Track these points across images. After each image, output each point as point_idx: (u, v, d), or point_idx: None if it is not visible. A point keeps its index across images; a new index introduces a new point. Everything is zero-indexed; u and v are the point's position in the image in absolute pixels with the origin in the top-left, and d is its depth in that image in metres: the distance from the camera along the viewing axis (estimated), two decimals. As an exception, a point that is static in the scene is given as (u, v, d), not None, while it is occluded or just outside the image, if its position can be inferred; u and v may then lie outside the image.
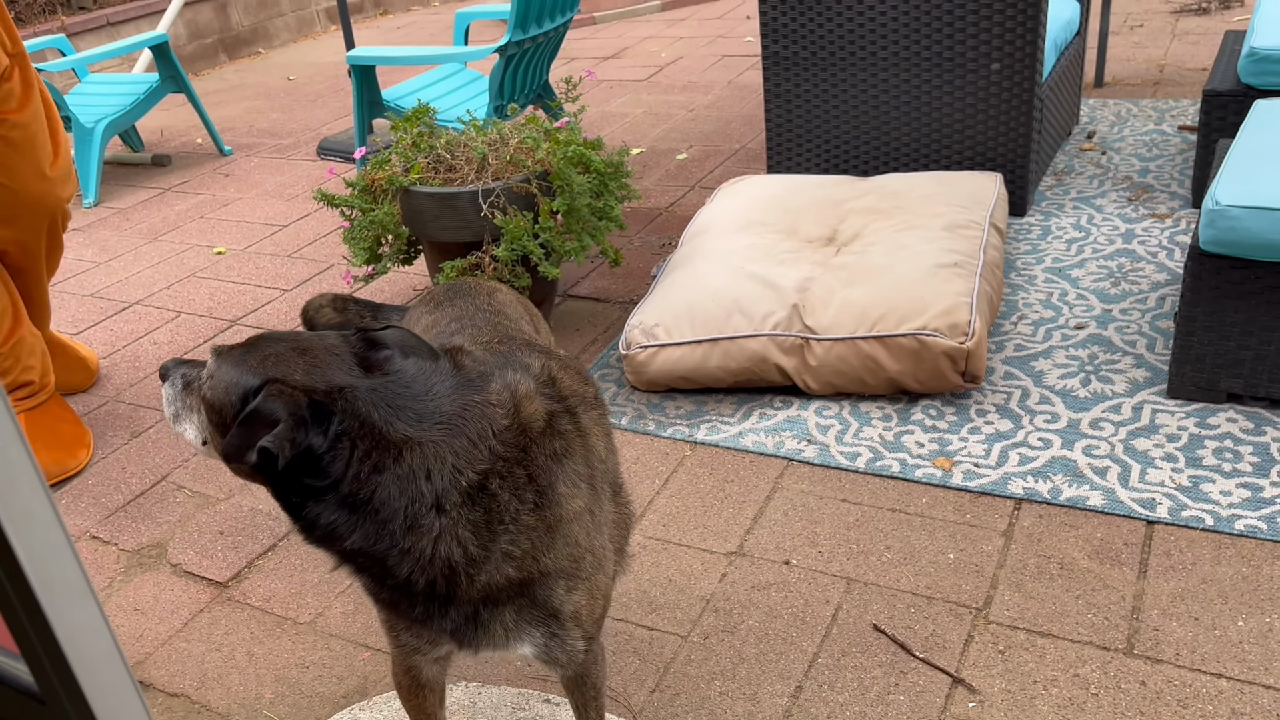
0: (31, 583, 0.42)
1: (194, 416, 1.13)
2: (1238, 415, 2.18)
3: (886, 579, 1.89)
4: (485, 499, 1.06)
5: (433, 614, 1.11)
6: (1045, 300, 2.71)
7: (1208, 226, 2.06)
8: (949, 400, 2.35)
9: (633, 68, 5.53)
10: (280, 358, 1.04)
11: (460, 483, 1.05)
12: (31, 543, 0.42)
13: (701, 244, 2.74)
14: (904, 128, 3.23)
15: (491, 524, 1.07)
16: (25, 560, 0.42)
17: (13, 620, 0.45)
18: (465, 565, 1.07)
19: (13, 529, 0.41)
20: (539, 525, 1.11)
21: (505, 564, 1.10)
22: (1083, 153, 3.61)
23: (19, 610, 0.44)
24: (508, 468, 1.07)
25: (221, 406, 1.04)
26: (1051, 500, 2.01)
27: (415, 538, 1.04)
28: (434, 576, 1.07)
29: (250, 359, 1.05)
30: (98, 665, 0.45)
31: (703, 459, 2.28)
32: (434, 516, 1.04)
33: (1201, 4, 5.10)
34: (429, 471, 1.03)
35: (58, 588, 0.43)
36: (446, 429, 1.04)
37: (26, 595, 0.43)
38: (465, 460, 1.05)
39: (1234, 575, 1.80)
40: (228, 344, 1.13)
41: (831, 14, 3.16)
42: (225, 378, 1.05)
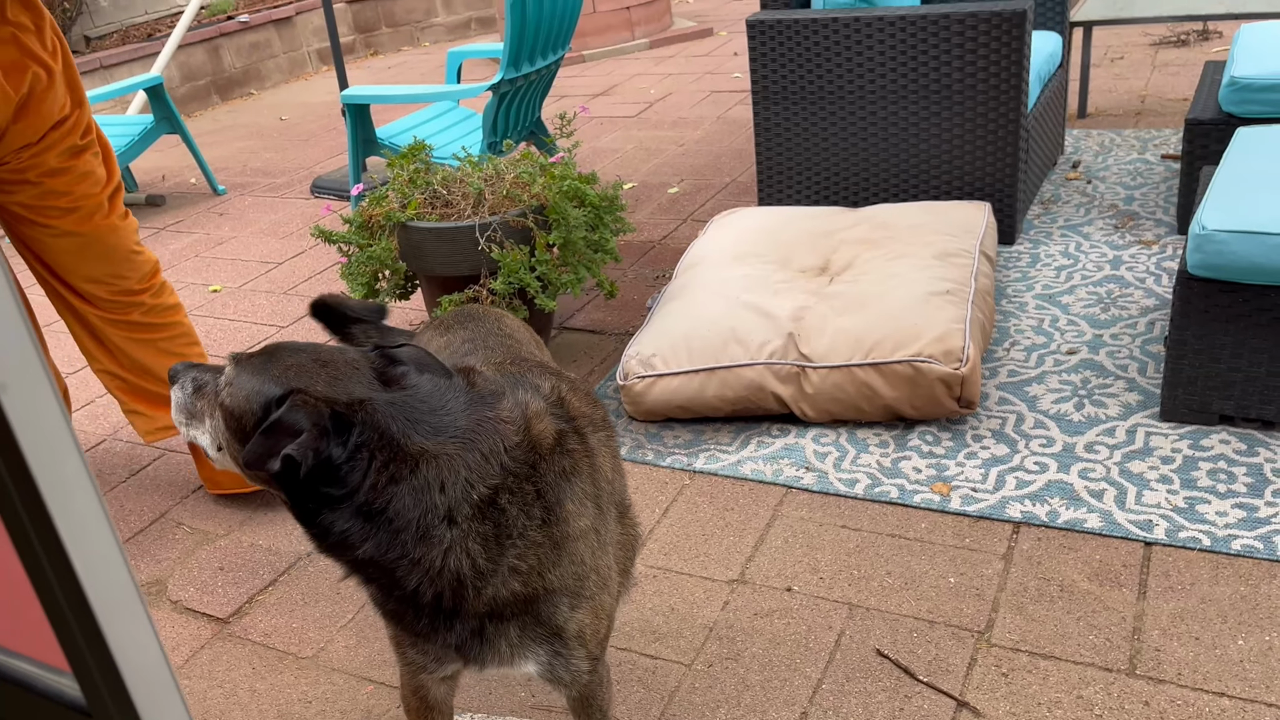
0: (86, 593, 0.44)
1: (207, 421, 1.14)
2: (1230, 437, 2.20)
3: (888, 604, 1.90)
4: (495, 513, 1.09)
5: (438, 627, 1.13)
6: (1037, 326, 2.74)
7: (1195, 251, 2.10)
8: (945, 426, 2.37)
9: (623, 104, 5.59)
10: (302, 369, 1.06)
11: (471, 496, 1.07)
12: (87, 554, 0.43)
13: (696, 275, 2.77)
14: (893, 159, 3.28)
15: (500, 538, 1.09)
16: (81, 571, 0.43)
17: (64, 632, 0.46)
18: (473, 578, 1.08)
19: (71, 540, 0.43)
20: (545, 541, 1.13)
21: (511, 579, 1.12)
22: (1069, 182, 3.67)
23: (71, 621, 0.45)
24: (517, 484, 1.10)
25: (241, 413, 1.06)
26: (1050, 523, 2.03)
27: (426, 548, 1.06)
28: (441, 589, 1.08)
29: (272, 368, 1.07)
30: (147, 675, 0.46)
31: (702, 487, 2.29)
32: (445, 528, 1.06)
33: (1180, 36, 5.20)
34: (443, 484, 1.06)
35: (111, 597, 0.44)
36: (461, 443, 1.06)
37: (81, 606, 0.44)
38: (477, 474, 1.07)
39: (1232, 595, 1.82)
40: (245, 351, 1.13)
41: (819, 49, 3.22)
42: (246, 385, 1.06)
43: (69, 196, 2.14)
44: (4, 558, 0.50)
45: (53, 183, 2.11)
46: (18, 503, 0.43)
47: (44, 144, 2.07)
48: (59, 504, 0.42)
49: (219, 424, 1.10)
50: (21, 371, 0.40)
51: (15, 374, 0.40)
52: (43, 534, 0.43)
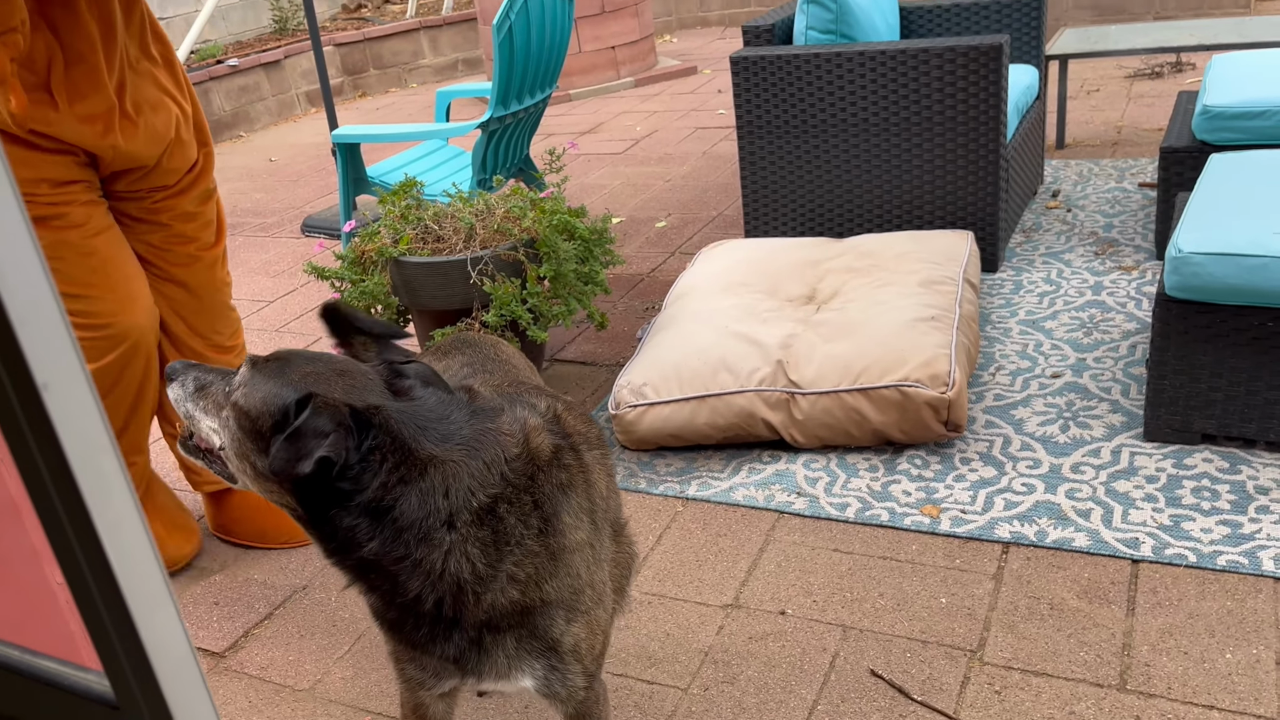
0: (121, 586, 0.46)
1: (212, 420, 1.16)
2: (1213, 455, 2.24)
3: (881, 625, 1.92)
4: (493, 521, 1.13)
5: (437, 636, 1.15)
6: (1021, 351, 2.79)
7: (1172, 273, 2.15)
8: (933, 450, 2.40)
9: (609, 141, 5.67)
10: (319, 376, 1.11)
11: (472, 503, 1.11)
12: (122, 548, 0.46)
13: (685, 306, 2.81)
14: (876, 190, 3.34)
15: (499, 544, 1.13)
16: (116, 565, 0.46)
17: (96, 626, 0.49)
18: (473, 582, 1.12)
19: (107, 535, 0.45)
20: (542, 551, 1.17)
21: (510, 586, 1.15)
22: (1049, 211, 3.73)
23: (104, 615, 0.48)
24: (516, 494, 1.14)
25: (258, 414, 1.09)
26: (1038, 543, 2.06)
27: (427, 549, 1.10)
28: (442, 594, 1.11)
29: (290, 373, 1.11)
30: (177, 670, 0.49)
31: (695, 514, 2.31)
32: (445, 532, 1.10)
33: (1154, 68, 5.31)
34: (447, 490, 1.10)
35: (144, 591, 0.47)
36: (465, 451, 1.11)
37: (115, 598, 0.47)
38: (478, 482, 1.11)
39: (1219, 609, 1.84)
40: (260, 355, 1.16)
41: (802, 84, 3.29)
42: (264, 388, 1.09)
43: (195, 244, 2.12)
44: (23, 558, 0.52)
45: (182, 227, 2.08)
46: (55, 498, 0.45)
47: (179, 186, 2.04)
48: (96, 499, 0.45)
49: (230, 422, 1.12)
50: (63, 372, 0.43)
51: (57, 374, 0.43)
52: (80, 529, 0.46)
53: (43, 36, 1.75)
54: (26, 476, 0.45)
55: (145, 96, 1.93)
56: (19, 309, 0.41)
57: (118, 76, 1.86)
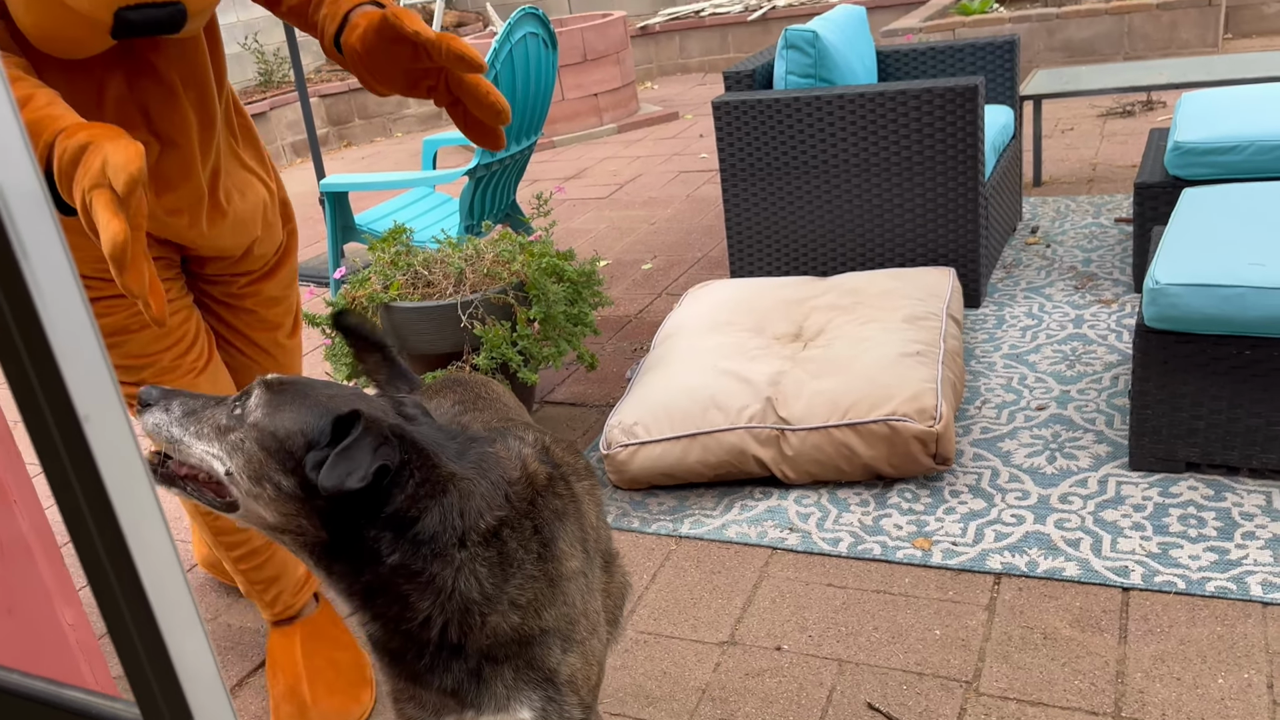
0: (156, 614, 0.48)
1: (211, 445, 1.13)
2: (1198, 483, 2.27)
3: (877, 658, 1.92)
4: (498, 543, 1.16)
5: (437, 667, 1.17)
6: (1006, 385, 2.83)
7: (1150, 304, 2.20)
8: (923, 483, 2.43)
9: (594, 186, 5.74)
10: (347, 399, 1.13)
11: (480, 524, 1.14)
12: (158, 576, 0.48)
13: (673, 345, 2.84)
14: (859, 229, 3.39)
15: (504, 565, 1.16)
16: (151, 593, 0.48)
17: (129, 654, 0.50)
18: (480, 604, 1.14)
19: (143, 564, 0.47)
20: (541, 577, 1.19)
21: (511, 611, 1.17)
22: (1028, 247, 3.80)
23: (138, 643, 0.49)
24: (518, 518, 1.17)
25: (288, 435, 1.09)
26: (1029, 573, 2.08)
27: (441, 565, 1.12)
28: (450, 615, 1.13)
29: (315, 395, 1.12)
30: (207, 697, 0.50)
31: (688, 552, 2.32)
32: (457, 550, 1.13)
33: (1126, 107, 5.43)
34: (463, 508, 1.13)
35: (177, 620, 0.49)
36: (476, 470, 1.13)
37: (149, 626, 0.48)
38: (487, 503, 1.15)
39: (1210, 635, 1.86)
40: (275, 378, 1.16)
41: (783, 127, 3.35)
42: (292, 409, 1.10)
43: (279, 330, 2.00)
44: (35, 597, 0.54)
45: (266, 313, 1.95)
46: (93, 528, 0.47)
47: (265, 270, 1.92)
48: (133, 529, 0.47)
49: (246, 444, 1.11)
50: (103, 404, 0.45)
51: (97, 406, 0.45)
52: (116, 558, 0.48)
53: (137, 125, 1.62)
54: (64, 506, 0.47)
55: (235, 181, 1.78)
56: (62, 343, 0.44)
57: (212, 163, 1.72)
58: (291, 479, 1.09)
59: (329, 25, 1.56)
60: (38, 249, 0.43)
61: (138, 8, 1.42)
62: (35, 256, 0.43)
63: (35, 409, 0.46)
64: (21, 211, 0.43)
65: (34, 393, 0.46)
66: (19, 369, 0.45)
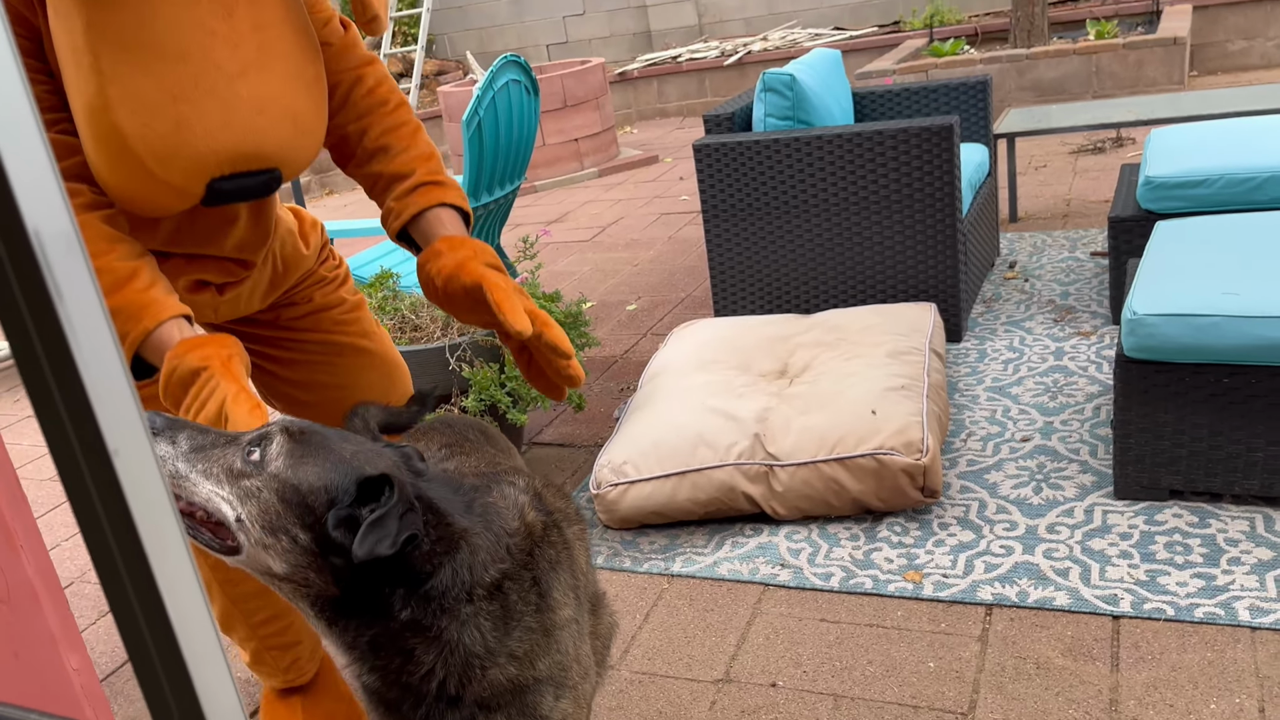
0: (182, 648, 0.49)
1: (220, 487, 1.10)
2: (1182, 510, 2.30)
3: (872, 692, 1.93)
4: (501, 596, 1.16)
5: (432, 717, 1.16)
6: (990, 417, 2.86)
7: (1129, 335, 2.24)
8: (912, 516, 2.44)
9: (576, 229, 5.78)
10: (368, 456, 1.13)
11: (485, 578, 1.15)
12: (183, 610, 0.49)
13: (660, 384, 2.86)
14: (840, 267, 3.44)
15: (506, 619, 1.16)
16: (178, 625, 0.49)
17: (152, 686, 0.51)
18: (483, 658, 1.14)
19: (170, 597, 0.48)
20: (538, 628, 1.20)
21: (509, 663, 1.17)
22: (1007, 281, 3.85)
23: (161, 675, 0.50)
24: (517, 570, 1.17)
25: (311, 490, 1.08)
26: (1020, 603, 2.09)
27: (448, 620, 1.12)
28: (450, 669, 1.13)
29: (339, 450, 1.12)
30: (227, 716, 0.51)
31: (681, 591, 2.32)
32: (464, 604, 1.13)
33: (1096, 144, 5.55)
34: (472, 563, 1.13)
35: (201, 651, 0.50)
36: (483, 524, 1.13)
37: (174, 659, 0.49)
38: (492, 557, 1.15)
39: (1200, 661, 1.88)
40: (294, 424, 1.14)
41: (763, 168, 3.41)
42: (316, 463, 1.09)
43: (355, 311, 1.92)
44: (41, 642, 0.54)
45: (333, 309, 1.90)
46: (119, 559, 0.48)
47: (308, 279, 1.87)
48: (160, 563, 0.48)
49: (263, 493, 1.09)
50: (131, 439, 0.46)
51: (126, 441, 0.46)
52: (142, 592, 0.49)
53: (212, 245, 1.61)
54: (91, 538, 0.48)
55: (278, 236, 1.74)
56: (94, 379, 0.45)
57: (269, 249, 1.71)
58: (308, 534, 1.08)
59: (392, 220, 1.53)
60: (71, 290, 0.45)
61: (232, 177, 1.38)
62: (69, 297, 0.45)
63: (65, 443, 0.47)
64: (56, 254, 0.44)
65: (64, 427, 0.47)
66: (50, 405, 0.47)
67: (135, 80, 1.30)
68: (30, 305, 0.45)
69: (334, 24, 1.62)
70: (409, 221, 1.53)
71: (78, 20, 1.28)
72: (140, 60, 1.30)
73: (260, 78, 1.38)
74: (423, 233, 1.54)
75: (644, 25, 9.70)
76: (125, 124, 1.31)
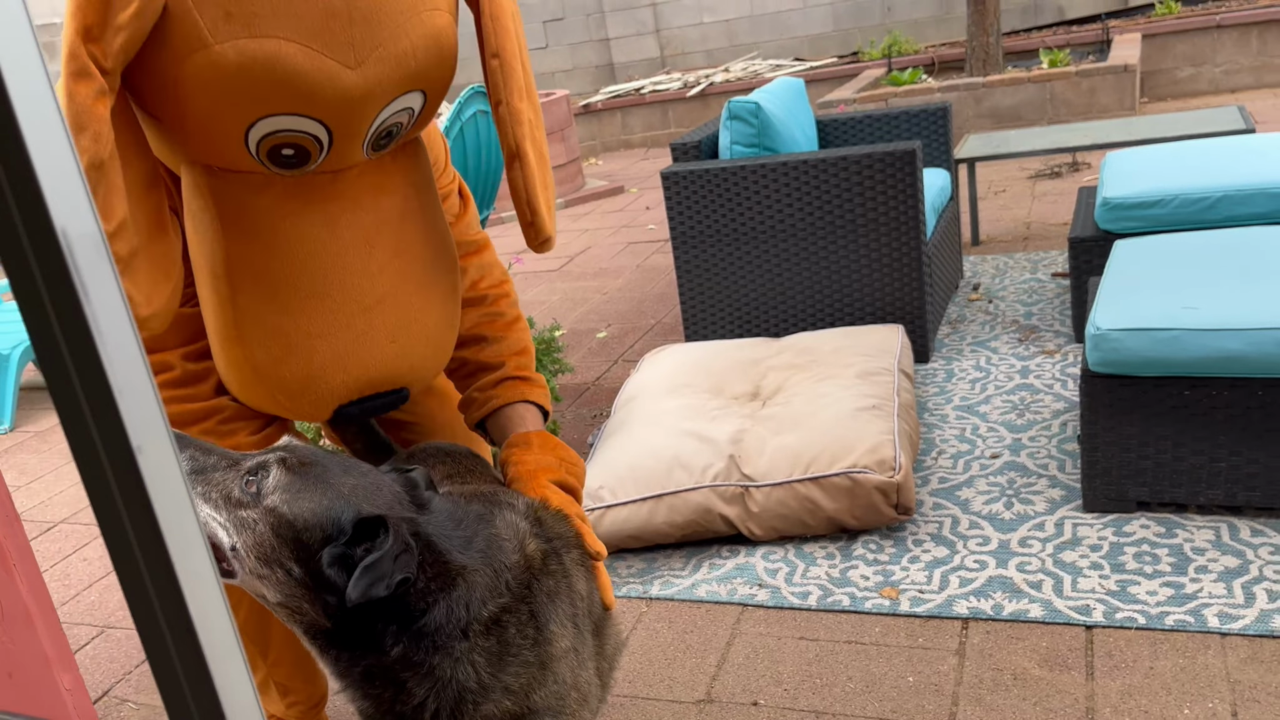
0: (201, 641, 0.50)
1: (217, 512, 1.10)
2: (1149, 521, 2.34)
3: (852, 708, 1.94)
4: (498, 630, 1.15)
5: None
6: (960, 435, 2.90)
7: (1093, 350, 2.29)
8: (886, 534, 2.47)
9: (545, 259, 5.80)
10: (367, 491, 1.12)
11: (482, 614, 1.14)
12: (202, 604, 0.49)
13: (634, 409, 2.87)
14: (809, 291, 3.48)
15: (503, 655, 1.15)
16: (197, 619, 0.49)
17: (169, 681, 0.52)
18: (476, 693, 1.12)
19: (189, 591, 0.49)
20: (535, 661, 1.18)
21: (504, 697, 1.16)
22: (971, 303, 3.92)
23: (179, 670, 0.51)
24: (515, 603, 1.16)
25: (306, 527, 1.08)
26: (995, 616, 2.12)
27: (441, 657, 1.10)
28: (442, 703, 1.12)
29: (338, 485, 1.11)
30: (245, 713, 0.52)
31: (660, 613, 2.33)
32: (458, 641, 1.12)
33: (1054, 169, 5.68)
34: (468, 600, 1.12)
35: (219, 645, 0.50)
36: (482, 559, 1.13)
37: (193, 653, 0.50)
38: (489, 592, 1.14)
39: (1173, 667, 1.91)
40: (294, 454, 1.13)
41: (730, 194, 3.45)
42: (313, 499, 1.09)
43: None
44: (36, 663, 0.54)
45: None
46: (139, 554, 0.49)
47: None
48: (181, 558, 0.49)
49: (260, 526, 1.09)
50: (154, 437, 0.47)
51: (149, 439, 0.47)
52: (161, 585, 0.49)
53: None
54: (110, 534, 0.49)
55: None
56: (119, 378, 0.46)
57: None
58: (302, 569, 1.08)
59: (474, 410, 1.53)
60: (98, 291, 0.46)
61: (359, 401, 1.38)
62: (96, 298, 0.46)
63: (87, 440, 0.48)
64: (83, 255, 0.46)
65: (86, 425, 0.48)
66: (73, 403, 0.48)
67: (269, 318, 1.29)
68: (57, 305, 0.46)
69: (452, 199, 1.59)
70: (490, 414, 1.52)
71: (218, 249, 1.26)
72: (276, 296, 1.28)
73: (395, 304, 1.35)
74: (500, 427, 1.53)
75: (607, 58, 9.82)
76: (257, 357, 1.30)
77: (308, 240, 1.28)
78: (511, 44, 1.35)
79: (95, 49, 1.07)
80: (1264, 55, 7.17)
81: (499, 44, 1.34)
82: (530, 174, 1.33)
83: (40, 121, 0.44)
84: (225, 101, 1.15)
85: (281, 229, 1.26)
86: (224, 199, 1.25)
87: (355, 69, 1.18)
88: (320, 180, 1.27)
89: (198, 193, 1.26)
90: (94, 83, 1.07)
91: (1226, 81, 7.30)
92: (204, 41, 1.12)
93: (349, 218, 1.30)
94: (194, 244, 1.29)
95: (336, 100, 1.18)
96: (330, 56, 1.15)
